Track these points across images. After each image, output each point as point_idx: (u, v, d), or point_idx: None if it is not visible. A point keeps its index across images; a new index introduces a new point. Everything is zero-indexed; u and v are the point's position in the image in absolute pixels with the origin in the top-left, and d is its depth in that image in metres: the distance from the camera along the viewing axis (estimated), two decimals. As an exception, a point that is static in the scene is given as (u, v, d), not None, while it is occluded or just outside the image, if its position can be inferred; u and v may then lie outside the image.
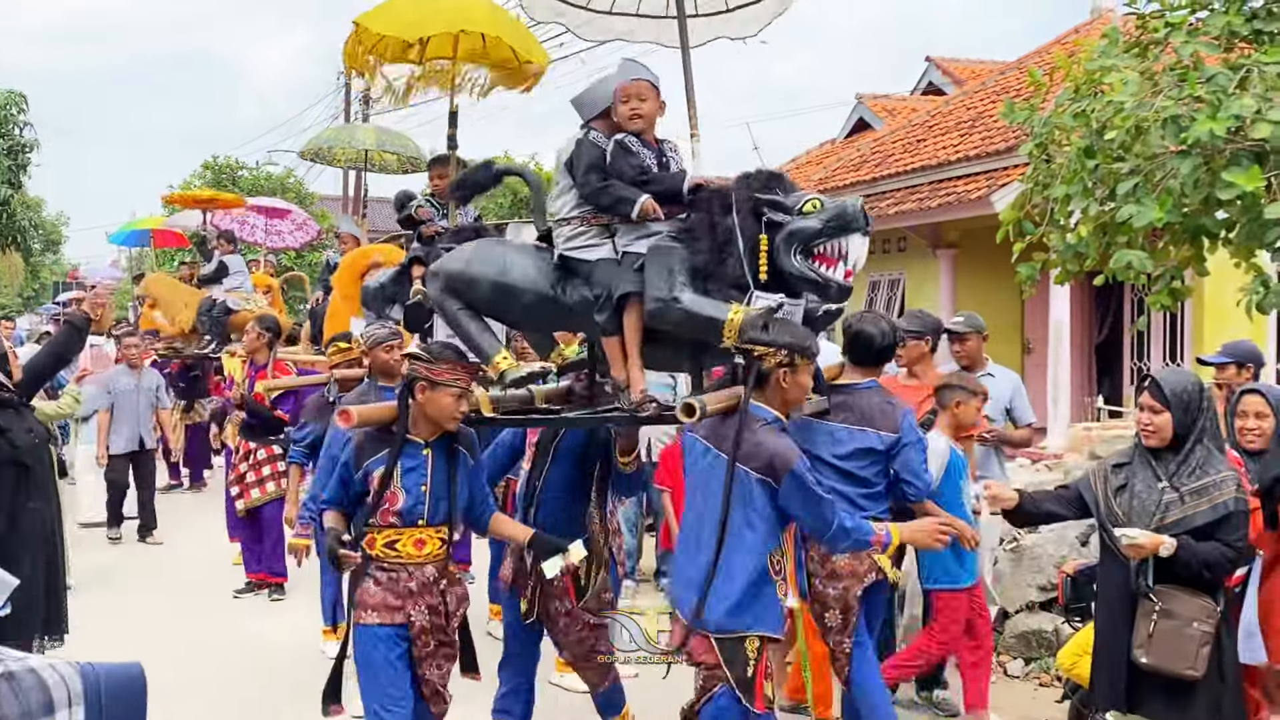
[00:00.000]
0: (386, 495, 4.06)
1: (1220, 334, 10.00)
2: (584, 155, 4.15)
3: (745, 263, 3.91)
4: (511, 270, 4.25)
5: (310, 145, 11.48)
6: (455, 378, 4.06)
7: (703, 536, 3.84)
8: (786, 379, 3.85)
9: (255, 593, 8.26)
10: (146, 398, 10.44)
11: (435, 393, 4.05)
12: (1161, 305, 6.62)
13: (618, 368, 4.18)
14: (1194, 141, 5.58)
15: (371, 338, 5.76)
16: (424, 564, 4.13)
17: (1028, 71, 8.17)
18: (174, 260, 29.13)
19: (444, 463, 4.14)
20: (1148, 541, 3.87)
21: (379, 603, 4.09)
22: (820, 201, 3.92)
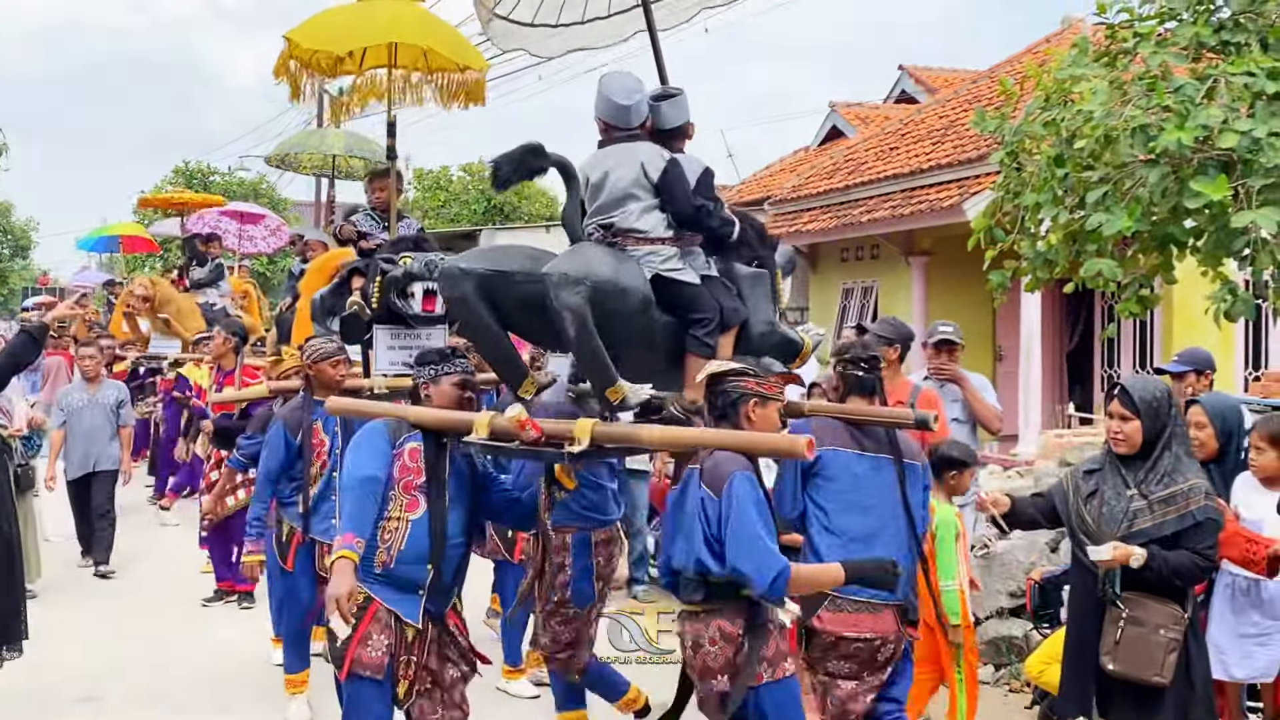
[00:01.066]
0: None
1: (1189, 341, 10.07)
2: (695, 172, 4.20)
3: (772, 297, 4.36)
4: (647, 284, 4.03)
5: (278, 151, 11.43)
6: (780, 391, 3.96)
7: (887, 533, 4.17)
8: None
9: (224, 600, 8.19)
10: (104, 414, 9.10)
11: (767, 409, 3.84)
12: (1131, 313, 6.66)
13: (696, 389, 4.00)
14: (1162, 151, 5.62)
15: (318, 352, 5.66)
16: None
17: (999, 81, 8.23)
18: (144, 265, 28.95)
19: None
20: (1118, 554, 3.88)
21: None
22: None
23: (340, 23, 6.23)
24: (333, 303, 6.00)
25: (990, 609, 6.45)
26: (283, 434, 5.55)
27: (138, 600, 8.32)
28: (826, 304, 16.48)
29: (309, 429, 5.56)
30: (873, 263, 15.68)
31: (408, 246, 5.74)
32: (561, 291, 3.82)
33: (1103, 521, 4.02)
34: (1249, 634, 4.44)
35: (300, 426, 5.57)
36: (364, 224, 6.62)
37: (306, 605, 5.76)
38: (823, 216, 15.55)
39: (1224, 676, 4.49)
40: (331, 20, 6.27)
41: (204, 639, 7.29)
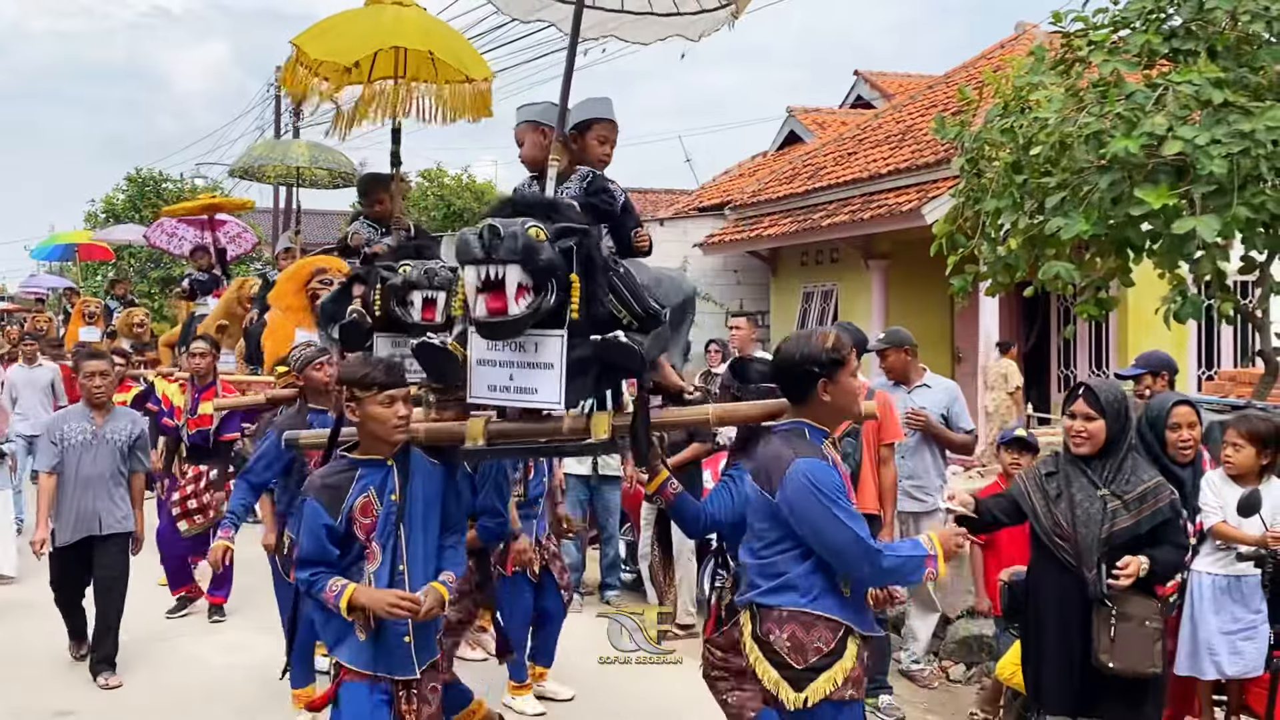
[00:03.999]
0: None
1: (1143, 343, 10.29)
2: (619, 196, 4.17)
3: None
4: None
5: (241, 163, 11.32)
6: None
7: None
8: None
9: (186, 610, 8.12)
10: (112, 456, 6.61)
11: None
12: (1089, 315, 6.82)
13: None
14: (1113, 157, 5.77)
15: (301, 359, 5.69)
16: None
17: (958, 88, 8.36)
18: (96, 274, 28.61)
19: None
20: (1132, 569, 3.95)
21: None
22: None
23: (346, 29, 6.16)
24: (334, 310, 5.99)
25: (960, 609, 6.55)
26: (278, 445, 5.47)
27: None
28: (787, 308, 16.61)
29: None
30: (833, 267, 15.83)
31: (408, 254, 5.74)
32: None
33: (1078, 523, 4.06)
34: (1234, 630, 4.53)
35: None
36: (364, 231, 6.61)
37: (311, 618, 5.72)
38: (783, 221, 15.67)
39: (1216, 674, 4.57)
40: (335, 27, 6.21)
41: (176, 652, 7.24)
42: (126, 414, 6.93)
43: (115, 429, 6.67)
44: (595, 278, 3.62)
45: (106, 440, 6.60)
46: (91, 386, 6.64)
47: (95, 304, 14.73)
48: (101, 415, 6.66)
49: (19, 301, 26.15)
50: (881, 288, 14.51)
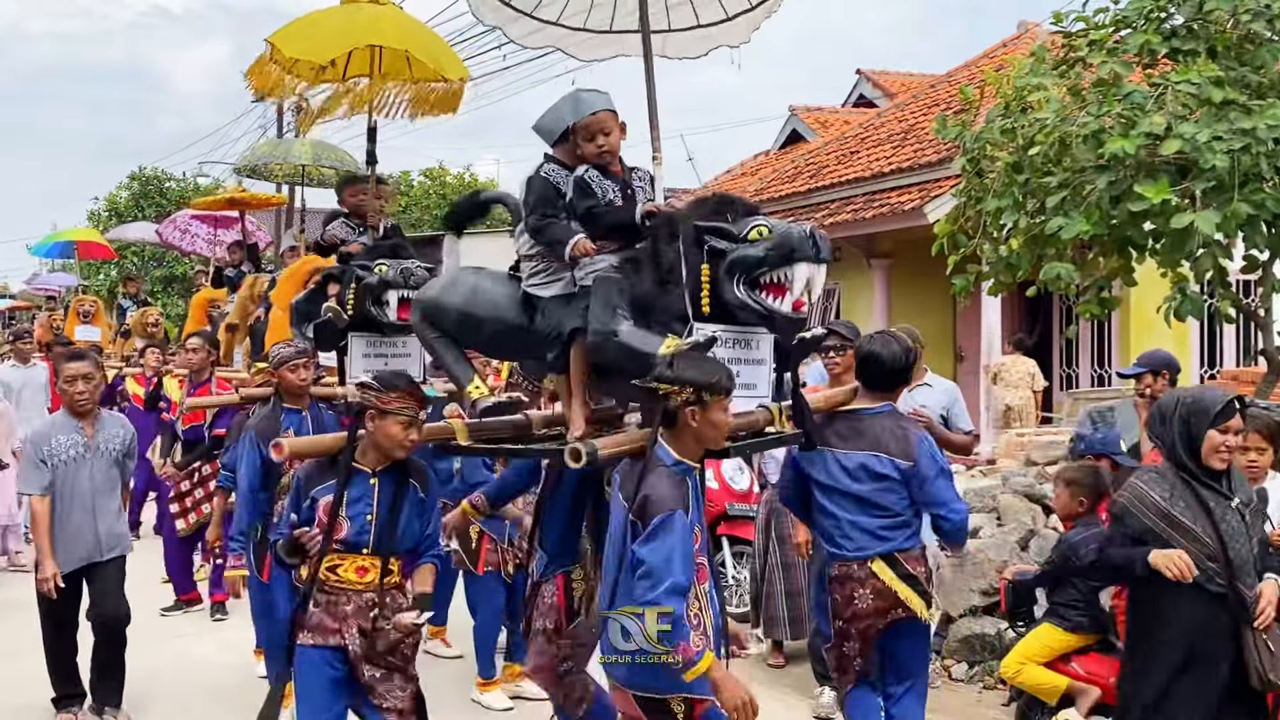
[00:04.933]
0: (336, 523, 4.07)
1: (1146, 342, 10.29)
2: (532, 191, 4.05)
3: (687, 294, 3.71)
4: (479, 300, 4.22)
5: (246, 160, 11.33)
6: (404, 405, 4.05)
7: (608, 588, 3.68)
8: (696, 417, 3.55)
9: (184, 611, 8.14)
10: (106, 469, 5.81)
11: (384, 421, 4.05)
12: (1091, 314, 6.82)
13: (566, 404, 4.13)
14: (1111, 156, 5.78)
15: (277, 357, 5.66)
16: (363, 591, 4.14)
17: (959, 88, 8.37)
18: (99, 273, 28.66)
19: (391, 493, 4.16)
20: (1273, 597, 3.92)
21: (316, 624, 4.13)
22: (767, 228, 3.71)
23: (322, 28, 6.15)
24: (308, 309, 5.98)
25: (963, 608, 6.56)
26: (255, 444, 5.46)
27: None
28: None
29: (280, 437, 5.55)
30: (834, 266, 15.65)
31: (384, 253, 5.74)
32: (412, 312, 4.64)
33: (1228, 541, 3.89)
34: None
35: (271, 436, 5.56)
36: (341, 230, 6.61)
37: (285, 617, 5.75)
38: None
39: None
40: (312, 25, 6.19)
41: (179, 651, 7.26)
42: (116, 420, 6.08)
43: (108, 438, 5.81)
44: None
45: (101, 452, 5.76)
46: (74, 392, 5.66)
47: (90, 302, 14.61)
48: (91, 424, 5.77)
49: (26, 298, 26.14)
50: (883, 287, 14.51)
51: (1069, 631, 5.05)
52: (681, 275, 3.71)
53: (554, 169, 4.08)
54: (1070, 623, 5.05)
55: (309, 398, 5.66)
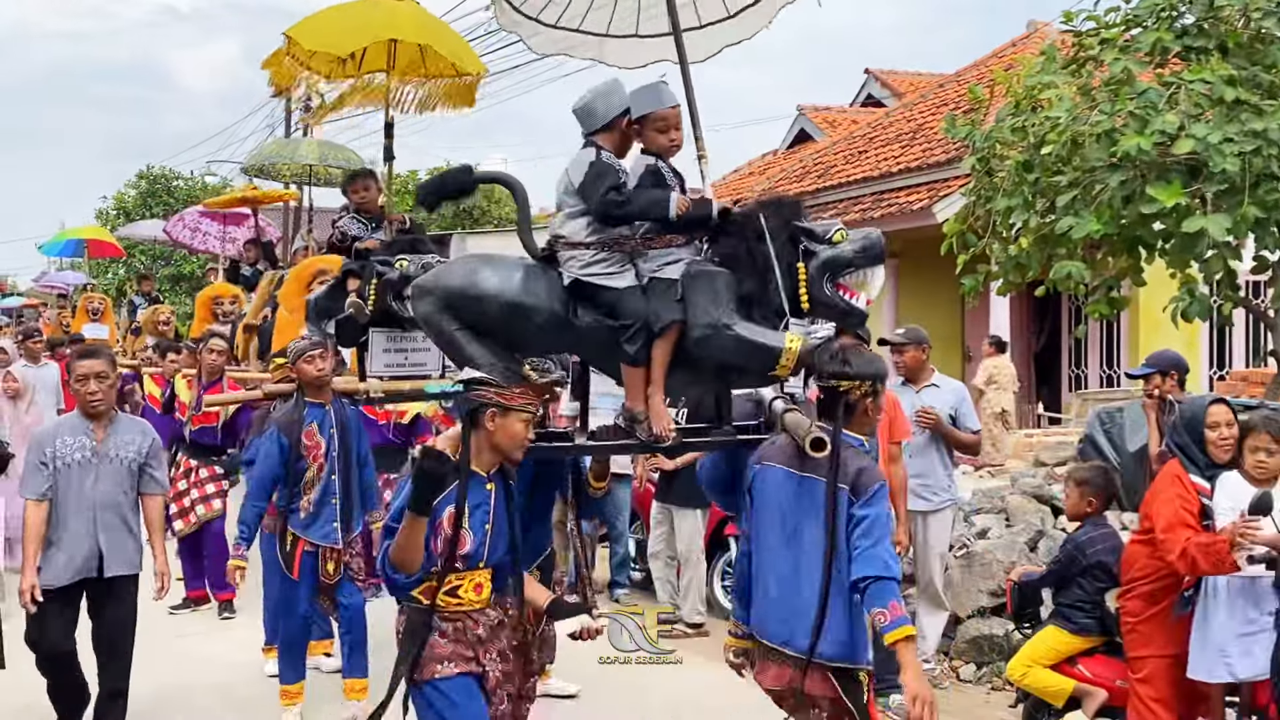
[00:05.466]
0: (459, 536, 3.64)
1: (1154, 342, 10.25)
2: (598, 174, 3.96)
3: (784, 290, 3.83)
4: (524, 288, 4.01)
5: (254, 160, 11.35)
6: (527, 402, 3.74)
7: (801, 565, 3.66)
8: (871, 408, 3.70)
9: (192, 609, 8.14)
10: (118, 477, 5.20)
11: (508, 419, 3.66)
12: (1100, 314, 6.80)
13: (636, 398, 4.01)
14: (1124, 156, 5.75)
15: (294, 351, 5.68)
16: (484, 609, 3.76)
17: (969, 88, 8.35)
18: (107, 272, 28.69)
19: (504, 498, 3.79)
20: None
21: (450, 654, 3.68)
22: (846, 231, 3.89)
23: (339, 23, 6.15)
24: (328, 305, 5.97)
25: (970, 608, 6.54)
26: (277, 439, 5.50)
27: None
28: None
29: (302, 432, 5.55)
30: (842, 265, 15.79)
31: (403, 248, 5.73)
32: (415, 302, 4.09)
33: None
34: (1247, 631, 4.48)
35: (293, 430, 5.56)
36: (351, 227, 6.60)
37: (305, 614, 5.72)
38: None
39: (1228, 677, 4.52)
40: (330, 19, 6.19)
41: (186, 650, 7.25)
42: (135, 424, 5.43)
43: (121, 443, 5.20)
44: None
45: (111, 458, 5.14)
46: (87, 392, 5.09)
47: (99, 299, 14.58)
48: (102, 428, 5.16)
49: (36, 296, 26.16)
50: (892, 286, 14.47)
51: (1075, 634, 5.03)
52: (776, 272, 3.85)
53: (611, 156, 4.05)
54: (1076, 625, 5.03)
55: (331, 392, 5.66)
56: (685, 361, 3.95)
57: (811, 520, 3.63)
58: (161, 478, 5.41)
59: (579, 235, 4.02)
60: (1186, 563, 4.34)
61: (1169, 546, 4.39)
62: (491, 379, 3.72)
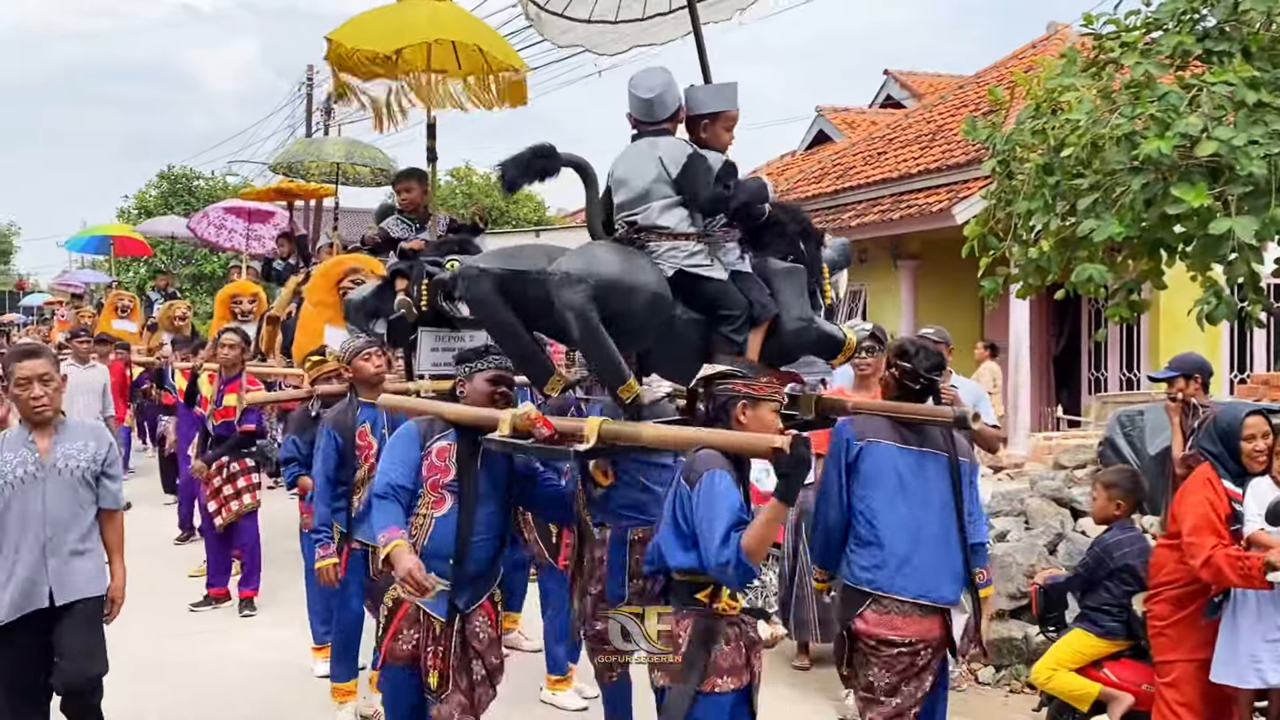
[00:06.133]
0: None
1: (1174, 345, 10.23)
2: (708, 169, 4.10)
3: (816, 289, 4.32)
4: (662, 281, 3.98)
5: (282, 159, 11.40)
6: (774, 390, 3.71)
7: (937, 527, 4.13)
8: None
9: (213, 606, 8.19)
10: (67, 489, 4.51)
11: (759, 409, 3.62)
12: (1120, 317, 6.77)
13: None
14: (1145, 158, 5.74)
15: (350, 349, 5.70)
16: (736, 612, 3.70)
17: (989, 90, 8.34)
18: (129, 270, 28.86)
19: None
20: None
21: (730, 666, 3.58)
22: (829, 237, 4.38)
23: (381, 24, 6.18)
24: (376, 305, 6.02)
25: (990, 611, 6.53)
26: (333, 437, 5.50)
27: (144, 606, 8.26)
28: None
29: (355, 432, 5.55)
30: (860, 266, 15.79)
31: (453, 248, 5.76)
32: (564, 290, 3.81)
33: None
34: (1277, 638, 4.47)
35: (347, 429, 5.56)
36: (395, 228, 6.61)
37: (356, 612, 5.72)
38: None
39: (1259, 683, 4.51)
40: (371, 21, 6.23)
41: (204, 648, 7.30)
42: (87, 430, 4.76)
43: (70, 453, 4.55)
44: None
45: (59, 470, 4.48)
46: (29, 397, 4.44)
47: (128, 297, 14.70)
48: (46, 436, 4.49)
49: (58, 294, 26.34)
50: (910, 288, 14.48)
51: (1101, 637, 5.03)
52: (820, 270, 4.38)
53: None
54: (1102, 628, 5.03)
55: (379, 389, 5.68)
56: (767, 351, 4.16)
57: (938, 488, 4.14)
58: (117, 490, 4.72)
59: (683, 227, 4.09)
60: (1211, 571, 4.34)
61: (1194, 551, 4.40)
62: (736, 371, 3.69)
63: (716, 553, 3.37)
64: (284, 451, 6.53)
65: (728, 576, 3.43)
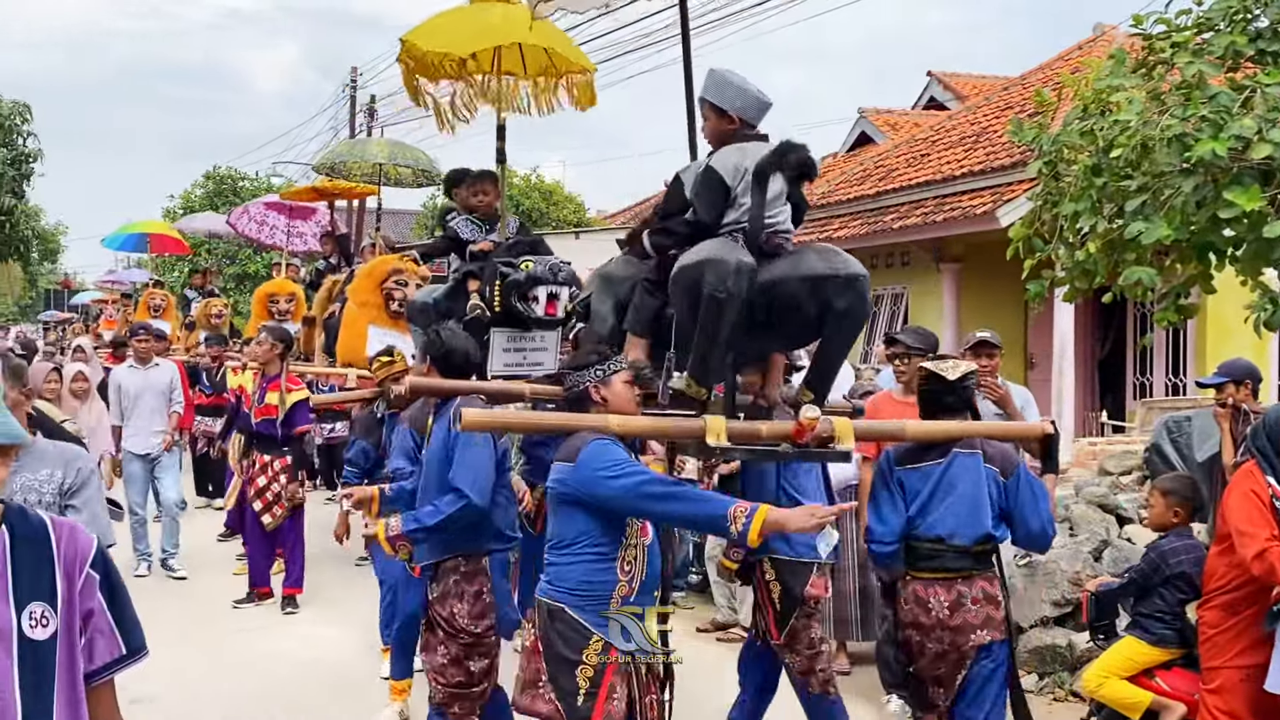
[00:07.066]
0: None
1: (1222, 350, 10.08)
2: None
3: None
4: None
5: (325, 160, 11.51)
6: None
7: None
8: None
9: (256, 603, 8.26)
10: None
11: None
12: (1168, 322, 6.68)
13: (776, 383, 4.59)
14: (1197, 160, 5.66)
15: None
16: None
17: (1035, 91, 8.26)
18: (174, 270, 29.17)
19: None
20: None
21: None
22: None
23: (455, 27, 6.19)
24: (448, 306, 6.05)
25: (1034, 618, 6.46)
26: (411, 435, 5.43)
27: (185, 601, 8.36)
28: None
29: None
30: (903, 269, 15.69)
31: (524, 250, 5.78)
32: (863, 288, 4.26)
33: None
34: None
35: (424, 428, 5.57)
36: (464, 229, 6.62)
37: (415, 612, 5.76)
38: (853, 223, 15.58)
39: None
40: (445, 23, 6.24)
41: (247, 645, 7.35)
42: (52, 455, 4.13)
43: (32, 483, 3.94)
44: None
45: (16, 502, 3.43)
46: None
47: (161, 296, 14.72)
48: (4, 466, 2.72)
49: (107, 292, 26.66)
50: (953, 291, 14.35)
51: (1153, 645, 4.95)
52: None
53: None
54: (1154, 636, 4.95)
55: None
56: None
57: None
58: (89, 518, 3.93)
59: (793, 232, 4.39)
60: (1264, 566, 4.25)
61: (1245, 542, 4.30)
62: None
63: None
64: (352, 451, 6.57)
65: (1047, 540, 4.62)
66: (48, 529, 2.32)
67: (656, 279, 4.28)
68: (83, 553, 2.33)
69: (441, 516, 4.47)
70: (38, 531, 2.31)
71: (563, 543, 3.73)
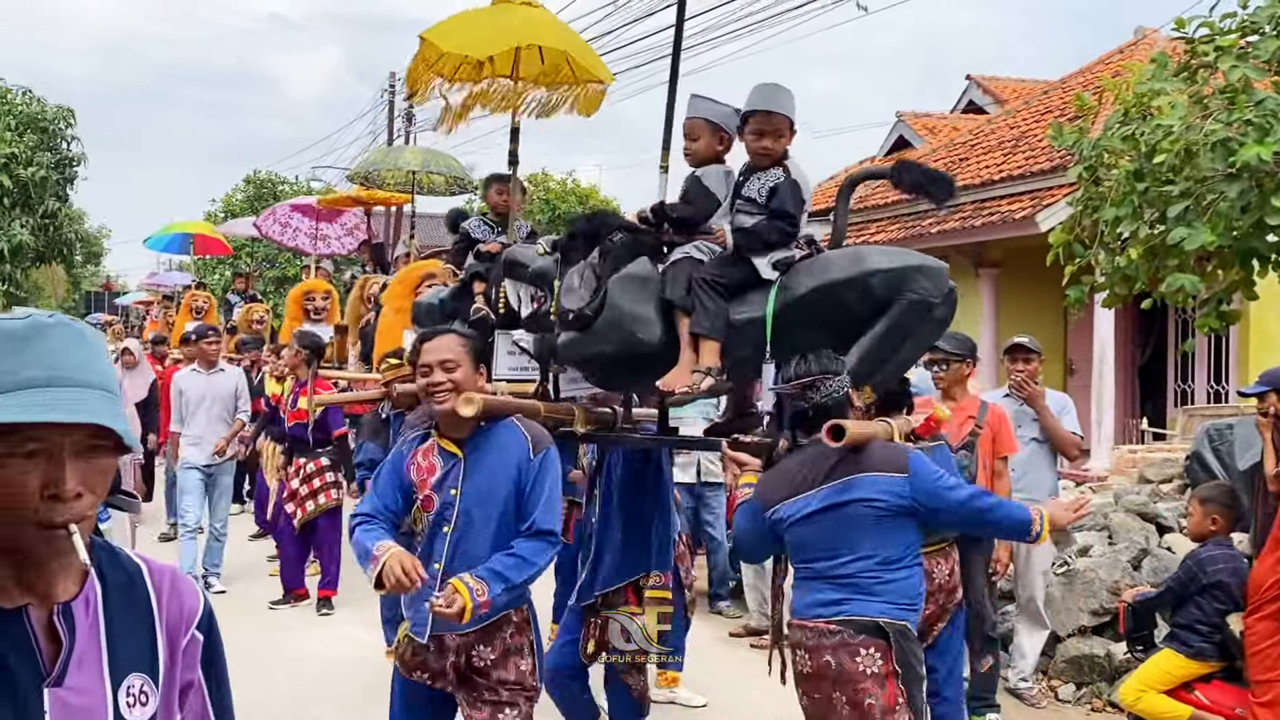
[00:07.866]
0: None
1: (1264, 358, 9.94)
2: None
3: None
4: None
5: (359, 168, 11.60)
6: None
7: None
8: None
9: (292, 604, 8.32)
10: None
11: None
12: (1210, 328, 6.60)
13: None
14: (1242, 165, 5.58)
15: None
16: None
17: (1075, 96, 8.18)
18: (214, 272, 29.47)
19: None
20: None
21: None
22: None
23: (476, 27, 6.20)
24: (454, 307, 6.05)
25: (1071, 627, 6.39)
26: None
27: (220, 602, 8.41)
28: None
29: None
30: (940, 274, 15.57)
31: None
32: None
33: None
34: None
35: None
36: (476, 230, 6.65)
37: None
38: (890, 227, 15.49)
39: None
40: (466, 24, 6.25)
41: (282, 647, 7.40)
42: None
43: None
44: None
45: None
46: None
47: (203, 298, 14.77)
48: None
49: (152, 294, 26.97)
50: (992, 296, 14.25)
51: (1191, 658, 4.87)
52: None
53: None
54: (1192, 648, 4.87)
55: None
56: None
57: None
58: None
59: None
60: None
61: None
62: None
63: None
64: (360, 454, 6.60)
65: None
66: (144, 576, 1.75)
67: (728, 281, 4.13)
68: (189, 610, 1.79)
69: (534, 570, 3.60)
70: (133, 579, 1.73)
71: (891, 558, 3.59)
